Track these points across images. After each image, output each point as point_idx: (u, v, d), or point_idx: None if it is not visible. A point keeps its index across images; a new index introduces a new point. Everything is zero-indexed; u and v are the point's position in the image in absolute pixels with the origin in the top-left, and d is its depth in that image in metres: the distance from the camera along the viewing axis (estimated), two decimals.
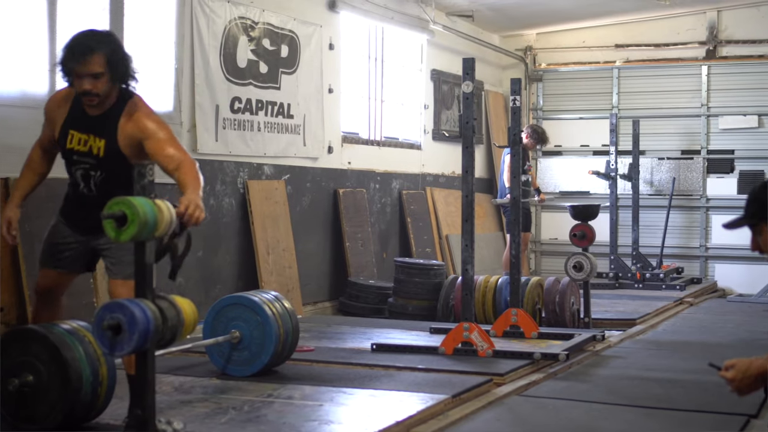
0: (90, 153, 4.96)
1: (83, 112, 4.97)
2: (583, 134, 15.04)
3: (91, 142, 4.96)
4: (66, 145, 4.99)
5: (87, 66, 4.82)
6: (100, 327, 3.89)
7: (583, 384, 6.47)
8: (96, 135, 4.95)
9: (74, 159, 5.00)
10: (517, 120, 8.25)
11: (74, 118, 4.99)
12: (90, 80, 4.84)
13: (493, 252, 13.78)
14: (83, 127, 4.97)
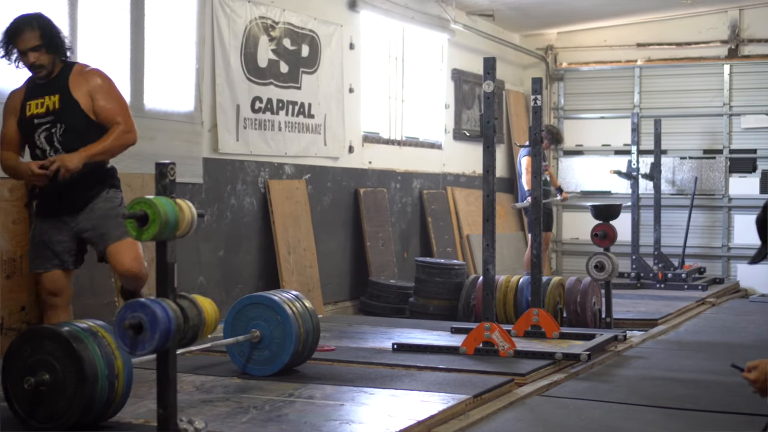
0: (48, 111, 5.63)
1: (36, 85, 5.68)
2: (604, 134, 15.00)
3: (47, 103, 5.64)
4: (26, 115, 5.65)
5: (26, 42, 5.58)
6: (122, 326, 3.90)
7: (605, 384, 6.44)
8: (49, 95, 5.65)
9: (35, 123, 5.64)
10: (538, 119, 8.23)
11: (29, 93, 5.69)
12: (33, 54, 5.57)
13: (514, 252, 13.75)
14: (38, 94, 5.67)
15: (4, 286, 6.59)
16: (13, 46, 5.64)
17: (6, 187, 6.60)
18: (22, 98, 5.74)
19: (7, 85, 6.38)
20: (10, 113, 5.74)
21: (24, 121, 5.69)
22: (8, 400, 4.77)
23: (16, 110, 5.72)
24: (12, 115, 5.74)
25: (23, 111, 5.70)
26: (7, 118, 5.75)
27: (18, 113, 5.74)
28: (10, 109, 5.74)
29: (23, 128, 5.72)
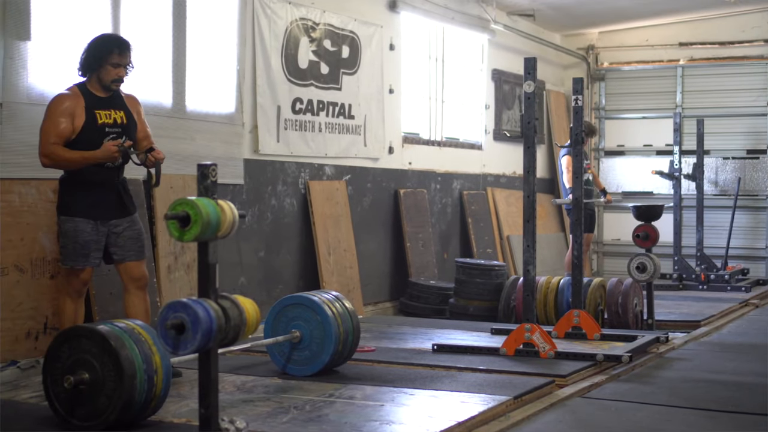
0: (116, 123, 6.11)
1: (96, 97, 6.09)
2: (646, 134, 14.91)
3: (114, 116, 6.12)
4: (97, 122, 6.03)
5: (126, 58, 6.11)
6: (164, 326, 3.92)
7: (647, 386, 6.40)
8: (115, 109, 6.14)
9: (106, 131, 6.04)
10: (579, 120, 8.19)
11: (92, 103, 6.06)
12: (123, 70, 6.11)
13: (555, 253, 13.70)
14: (104, 106, 6.09)
15: (49, 287, 6.67)
16: (112, 57, 6.04)
17: (50, 188, 6.67)
18: (83, 105, 6.00)
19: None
20: (65, 114, 5.94)
21: (94, 127, 6.02)
22: (49, 399, 4.83)
23: (73, 114, 5.95)
24: (68, 116, 5.94)
25: (92, 117, 6.00)
26: (62, 118, 5.93)
27: (77, 117, 5.97)
28: (67, 112, 5.95)
29: (90, 133, 6.00)
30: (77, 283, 6.13)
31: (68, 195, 6.06)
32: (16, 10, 6.48)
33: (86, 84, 6.10)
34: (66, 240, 6.03)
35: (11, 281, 6.43)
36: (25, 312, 6.52)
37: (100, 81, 6.08)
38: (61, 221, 6.06)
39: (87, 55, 6.08)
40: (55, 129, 5.92)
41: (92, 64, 6.05)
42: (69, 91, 6.07)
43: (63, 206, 6.09)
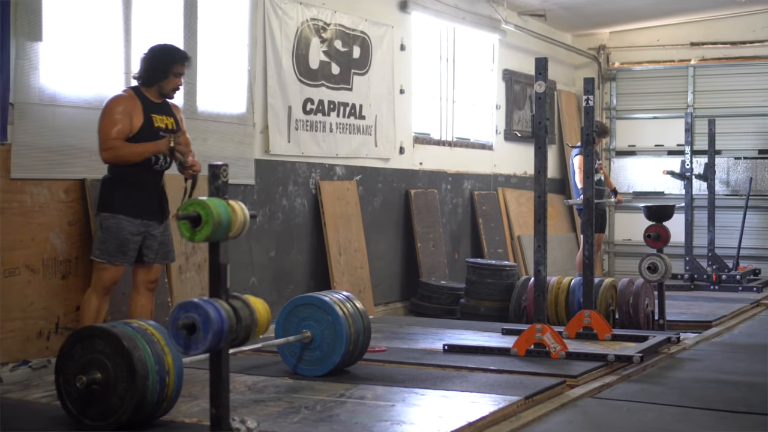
0: (167, 129, 6.35)
1: (151, 101, 6.34)
2: (657, 134, 14.88)
3: (165, 121, 6.38)
4: (153, 125, 6.28)
5: (185, 68, 6.46)
6: (175, 326, 3.93)
7: (658, 387, 6.39)
8: (166, 115, 6.41)
9: (160, 135, 6.27)
10: (591, 120, 8.18)
11: (149, 107, 6.31)
12: (181, 79, 6.43)
13: (566, 253, 13.69)
14: (157, 111, 6.36)
15: (60, 287, 6.69)
16: (176, 67, 6.36)
17: (62, 188, 6.70)
18: (141, 107, 6.26)
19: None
20: (124, 114, 6.18)
21: (151, 129, 6.27)
22: (61, 399, 4.85)
23: (131, 114, 6.20)
24: (127, 116, 6.18)
25: (149, 120, 6.26)
26: (124, 117, 6.17)
27: (135, 118, 6.21)
28: (125, 112, 6.19)
29: (147, 134, 6.23)
30: (108, 280, 6.26)
31: (112, 193, 6.23)
32: (27, 11, 6.50)
33: (141, 88, 6.35)
34: (107, 235, 6.19)
35: (23, 281, 6.45)
36: (37, 312, 6.55)
37: (161, 90, 6.36)
38: (103, 218, 6.22)
39: (151, 65, 6.34)
40: (115, 126, 6.14)
41: (158, 75, 6.33)
42: (125, 93, 6.33)
43: (106, 203, 6.24)
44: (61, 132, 6.74)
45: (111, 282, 6.28)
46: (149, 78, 6.33)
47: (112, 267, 6.23)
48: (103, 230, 6.22)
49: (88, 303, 6.25)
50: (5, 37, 6.32)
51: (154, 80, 6.32)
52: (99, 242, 6.25)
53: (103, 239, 6.22)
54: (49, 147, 6.63)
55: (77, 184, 6.84)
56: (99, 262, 6.25)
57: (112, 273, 6.25)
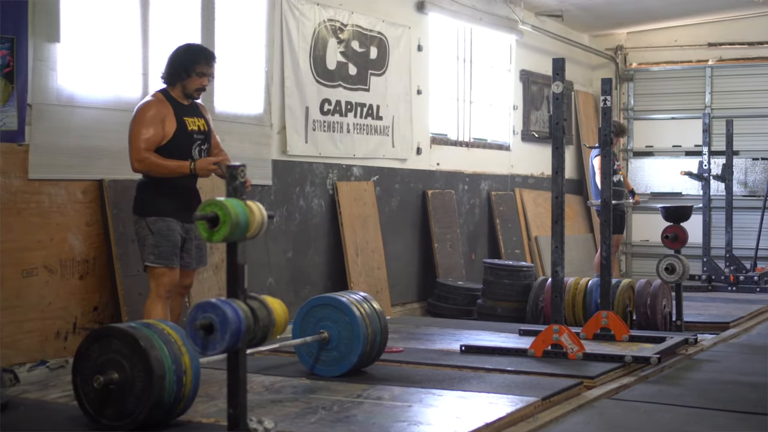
0: (200, 130, 6.31)
1: (180, 104, 6.23)
2: (675, 134, 14.84)
3: (197, 123, 6.30)
4: (188, 129, 6.21)
5: (212, 68, 6.32)
6: (193, 326, 3.94)
7: (675, 388, 6.37)
8: (197, 117, 6.32)
9: (194, 137, 6.24)
10: (608, 120, 8.15)
11: (180, 110, 6.22)
12: (208, 79, 6.30)
13: (584, 254, 13.65)
14: (188, 114, 6.27)
15: (78, 287, 6.72)
16: (199, 67, 6.22)
17: (79, 189, 6.73)
18: (172, 111, 6.16)
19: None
20: (156, 121, 6.08)
21: (185, 133, 6.19)
22: (78, 399, 4.86)
23: (163, 120, 6.10)
24: (159, 122, 6.08)
25: (182, 124, 6.18)
26: (152, 124, 6.07)
27: (168, 123, 6.12)
28: (157, 118, 6.09)
29: (181, 138, 6.17)
30: (168, 283, 6.13)
31: (154, 197, 6.12)
32: (45, 12, 6.53)
33: (169, 91, 6.25)
34: (160, 239, 6.07)
35: (41, 281, 6.48)
36: (55, 312, 6.57)
37: (185, 89, 6.24)
38: (150, 222, 6.08)
39: (174, 64, 6.24)
40: (146, 136, 6.04)
41: (180, 74, 6.21)
42: (154, 98, 6.21)
43: (150, 208, 6.12)
44: (79, 133, 6.76)
45: (170, 285, 6.13)
46: (171, 77, 6.24)
47: (169, 270, 6.10)
48: (154, 234, 6.07)
49: (154, 312, 6.02)
50: (23, 38, 6.35)
51: (176, 79, 6.22)
52: (152, 247, 6.07)
53: (157, 243, 6.07)
54: (66, 148, 6.66)
55: (95, 184, 6.86)
56: (156, 267, 6.08)
57: (170, 276, 6.11)
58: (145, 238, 6.12)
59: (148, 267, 6.13)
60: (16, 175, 6.32)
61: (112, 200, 6.89)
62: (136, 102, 7.17)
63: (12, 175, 6.29)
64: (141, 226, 6.13)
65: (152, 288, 6.13)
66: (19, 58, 6.31)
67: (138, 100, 7.19)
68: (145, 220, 6.10)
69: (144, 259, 6.14)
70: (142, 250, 6.15)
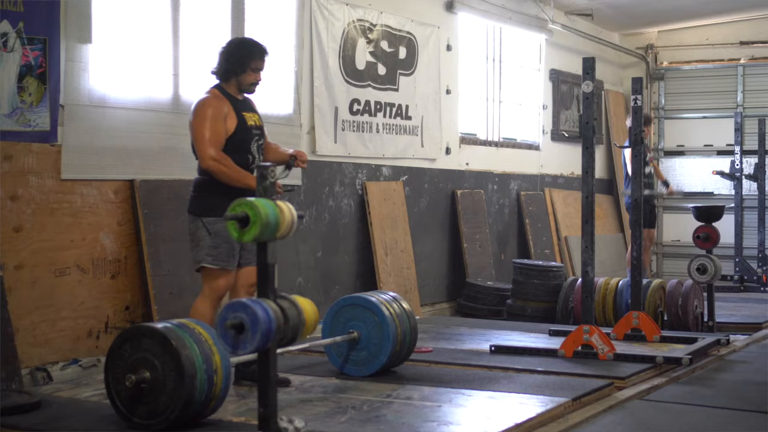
0: (256, 125, 6.20)
1: (237, 100, 6.13)
2: (706, 134, 14.75)
3: (254, 117, 6.20)
4: (247, 124, 6.10)
5: (264, 62, 6.18)
6: (223, 326, 3.96)
7: (707, 389, 6.33)
8: (252, 112, 6.22)
9: (253, 132, 6.14)
10: (639, 120, 8.11)
11: (238, 105, 6.11)
12: (260, 75, 6.17)
13: (614, 253, 13.60)
14: (246, 109, 6.17)
15: (110, 286, 6.76)
16: (253, 62, 6.11)
17: (111, 189, 6.77)
18: (231, 107, 6.03)
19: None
20: (217, 118, 5.94)
21: (245, 129, 6.08)
22: (110, 397, 4.89)
23: (225, 116, 5.98)
24: (221, 119, 5.95)
25: (242, 119, 6.06)
26: (217, 121, 5.94)
27: (230, 119, 6.00)
28: (218, 114, 5.95)
29: (242, 134, 6.05)
30: (223, 287, 5.98)
31: (213, 196, 5.88)
32: (77, 13, 6.58)
33: (223, 86, 6.11)
34: (218, 240, 5.87)
35: (73, 281, 6.52)
36: (87, 311, 6.62)
37: (239, 85, 6.11)
38: (208, 222, 5.90)
39: (228, 59, 6.09)
40: (211, 134, 5.89)
41: (235, 69, 6.07)
42: (212, 95, 6.06)
43: (208, 208, 5.91)
44: (111, 133, 6.80)
45: (225, 289, 6.00)
46: (226, 72, 6.08)
47: (225, 273, 5.95)
48: (212, 236, 5.88)
49: (202, 313, 5.85)
50: (55, 39, 6.40)
51: (231, 75, 6.07)
52: (210, 248, 5.90)
53: (215, 245, 5.89)
54: (98, 148, 6.70)
55: (126, 184, 6.90)
56: (212, 268, 5.92)
57: (226, 279, 5.96)
58: (202, 238, 5.94)
59: (203, 268, 5.96)
60: (49, 175, 6.37)
61: (143, 200, 6.93)
62: (167, 102, 7.24)
63: (45, 175, 6.34)
64: (197, 226, 5.96)
65: (205, 289, 5.98)
66: (51, 59, 6.36)
67: (169, 101, 7.26)
68: (202, 220, 5.93)
69: (200, 260, 5.95)
70: (197, 251, 5.96)
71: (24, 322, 6.18)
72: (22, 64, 6.19)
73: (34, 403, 5.20)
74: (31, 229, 6.26)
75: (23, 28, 6.18)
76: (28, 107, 6.24)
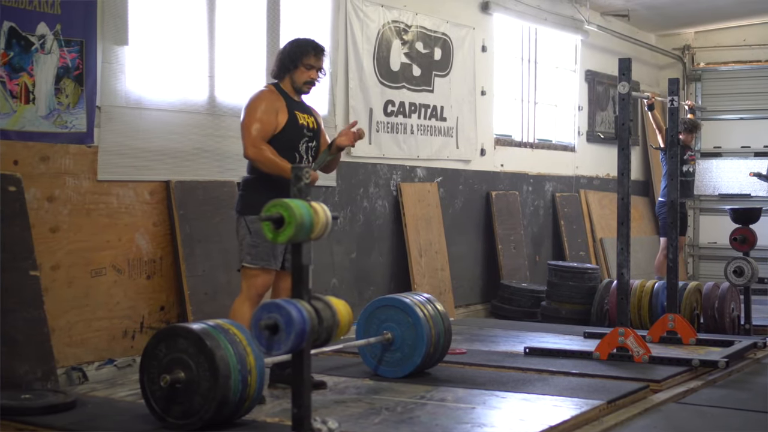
0: (308, 127, 6.12)
1: (292, 99, 6.10)
2: (744, 135, 14.62)
3: (308, 119, 6.12)
4: (298, 123, 6.03)
5: (321, 61, 6.13)
6: (258, 327, 3.96)
7: (743, 392, 6.28)
8: (307, 114, 6.15)
9: (304, 132, 6.08)
10: (675, 121, 8.06)
11: (292, 104, 6.06)
12: (317, 73, 6.13)
13: (649, 255, 13.51)
14: (300, 109, 6.11)
15: (145, 287, 6.80)
16: (306, 58, 6.05)
17: (147, 190, 6.81)
18: (285, 104, 6.01)
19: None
20: (269, 111, 5.94)
21: (296, 127, 6.03)
22: (145, 397, 4.92)
23: (277, 110, 5.96)
24: (273, 112, 5.95)
25: (294, 117, 6.01)
26: (268, 114, 5.93)
27: (281, 114, 5.97)
28: (271, 108, 5.95)
29: (292, 131, 6.00)
30: (262, 287, 5.94)
31: (256, 195, 5.78)
32: (113, 15, 6.62)
33: (280, 84, 6.11)
34: (258, 239, 5.83)
35: (109, 281, 6.57)
36: (122, 311, 6.66)
37: (293, 83, 6.08)
38: (249, 221, 5.87)
39: (282, 56, 6.11)
40: (259, 125, 5.88)
41: (288, 66, 6.06)
42: (267, 89, 6.11)
43: (250, 206, 5.85)
44: (147, 135, 6.84)
45: (264, 288, 5.95)
46: (280, 70, 6.09)
47: (264, 272, 5.92)
48: (252, 234, 5.86)
49: (241, 312, 5.81)
50: (92, 41, 6.45)
51: (285, 72, 6.07)
52: (249, 247, 5.89)
53: (254, 243, 5.87)
54: (134, 149, 6.74)
55: (162, 185, 6.94)
56: (251, 268, 5.90)
57: (264, 278, 5.93)
58: (244, 237, 5.94)
59: (243, 267, 5.96)
60: (86, 177, 6.42)
61: (179, 201, 6.96)
62: (202, 104, 7.28)
63: (81, 176, 6.39)
64: (241, 225, 5.96)
65: (243, 288, 5.97)
66: (88, 61, 6.41)
67: (204, 103, 7.30)
68: (244, 218, 5.92)
69: (241, 258, 5.97)
70: (240, 250, 5.98)
71: (60, 322, 6.23)
72: (60, 66, 6.25)
73: (70, 402, 5.24)
74: (68, 230, 6.31)
75: (60, 30, 6.23)
76: (65, 109, 6.29)
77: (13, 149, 5.98)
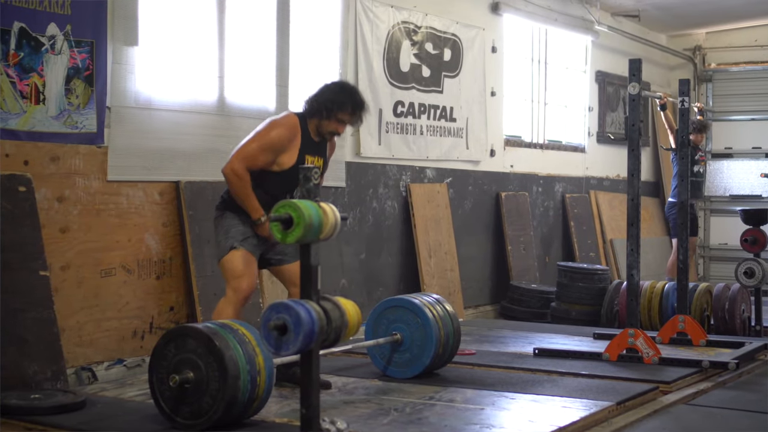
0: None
1: (310, 140, 5.84)
2: (755, 136, 14.58)
3: (317, 163, 5.85)
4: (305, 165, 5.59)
5: (355, 118, 5.91)
6: (267, 327, 3.97)
7: (754, 394, 6.26)
8: (318, 156, 5.89)
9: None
10: (686, 122, 8.04)
11: (306, 145, 5.81)
12: (344, 127, 5.89)
13: (659, 256, 13.48)
14: (313, 151, 5.85)
15: (155, 287, 6.81)
16: (342, 113, 5.80)
17: (156, 190, 6.82)
18: (299, 146, 5.76)
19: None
20: (276, 148, 5.71)
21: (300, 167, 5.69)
22: (154, 397, 4.92)
23: (283, 150, 5.71)
24: (276, 151, 5.70)
25: (302, 161, 5.73)
26: (271, 151, 5.70)
27: (289, 156, 5.72)
28: (277, 146, 5.71)
29: (291, 175, 5.62)
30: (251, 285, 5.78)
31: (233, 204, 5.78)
32: (123, 16, 6.63)
33: (307, 119, 5.84)
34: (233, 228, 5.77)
35: (118, 281, 6.58)
36: (132, 312, 6.67)
37: (319, 126, 5.82)
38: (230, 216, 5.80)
39: (320, 100, 5.81)
40: (252, 153, 5.65)
41: (321, 111, 5.79)
42: (289, 121, 5.82)
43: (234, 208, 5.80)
44: (156, 135, 6.86)
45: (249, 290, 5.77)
46: (312, 111, 5.81)
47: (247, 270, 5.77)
48: (236, 225, 5.79)
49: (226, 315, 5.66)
50: (102, 42, 6.46)
51: (315, 115, 5.80)
52: (226, 234, 5.82)
53: (233, 233, 5.77)
54: (144, 150, 6.75)
55: (172, 186, 6.95)
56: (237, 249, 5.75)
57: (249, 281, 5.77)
58: (220, 227, 5.87)
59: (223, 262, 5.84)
60: (95, 177, 6.43)
61: (189, 201, 6.97)
62: (212, 105, 7.29)
63: (91, 176, 6.40)
64: (219, 219, 5.89)
65: (228, 292, 5.83)
66: (98, 62, 6.43)
67: (214, 103, 7.31)
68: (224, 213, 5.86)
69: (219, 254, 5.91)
70: (218, 244, 5.93)
71: (70, 322, 6.25)
72: (70, 67, 6.26)
73: (79, 402, 5.25)
74: (78, 230, 6.33)
75: (71, 30, 6.24)
76: (75, 109, 6.30)
77: (23, 149, 6.00)
